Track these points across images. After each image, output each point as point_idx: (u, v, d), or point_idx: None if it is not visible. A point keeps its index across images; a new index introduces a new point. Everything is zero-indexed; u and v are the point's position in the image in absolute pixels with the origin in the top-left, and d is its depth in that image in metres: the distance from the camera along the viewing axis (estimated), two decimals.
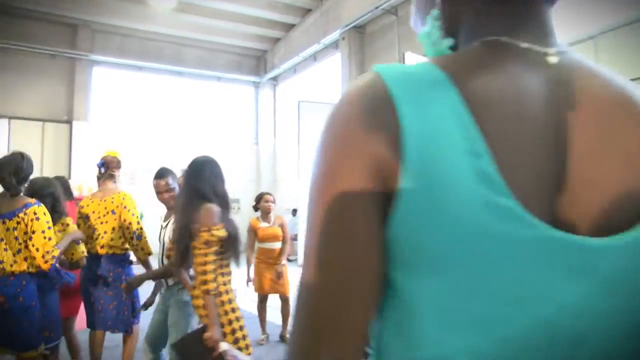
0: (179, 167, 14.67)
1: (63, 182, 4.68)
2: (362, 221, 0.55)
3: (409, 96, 0.55)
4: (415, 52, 11.09)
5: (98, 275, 4.06)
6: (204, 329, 2.88)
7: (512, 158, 0.54)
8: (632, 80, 2.25)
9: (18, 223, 3.23)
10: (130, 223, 4.21)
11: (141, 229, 4.27)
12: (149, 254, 4.26)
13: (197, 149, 17.75)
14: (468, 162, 0.52)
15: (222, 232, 2.92)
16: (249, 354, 2.97)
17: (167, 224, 3.75)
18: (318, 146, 0.62)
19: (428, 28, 0.69)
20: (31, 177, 3.61)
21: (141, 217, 4.43)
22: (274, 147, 20.14)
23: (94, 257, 4.10)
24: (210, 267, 2.83)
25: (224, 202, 3.17)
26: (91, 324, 4.21)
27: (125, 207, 4.23)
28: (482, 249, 0.52)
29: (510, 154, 0.54)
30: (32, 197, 3.47)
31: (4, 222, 3.26)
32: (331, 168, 0.58)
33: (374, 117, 0.56)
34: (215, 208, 3.02)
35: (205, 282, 2.81)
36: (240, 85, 20.19)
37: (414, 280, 0.55)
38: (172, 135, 17.89)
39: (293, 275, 5.73)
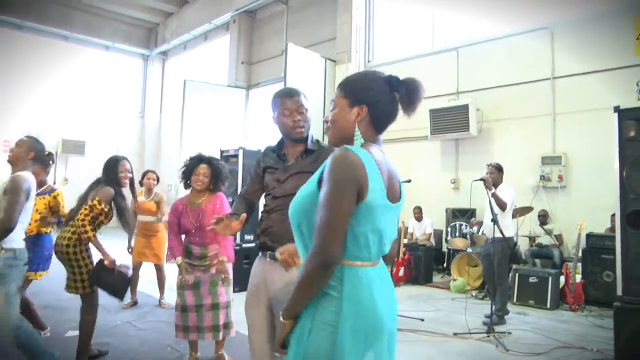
0: (61, 137, 14.35)
1: None
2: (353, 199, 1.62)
3: (366, 164, 1.63)
4: (299, 43, 11.79)
5: None
6: (101, 262, 4.02)
7: (388, 185, 1.69)
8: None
9: None
10: None
11: None
12: None
13: (81, 118, 17.43)
14: (381, 189, 1.66)
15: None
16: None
17: None
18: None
19: (356, 136, 1.74)
20: None
21: None
22: (160, 122, 20.06)
23: None
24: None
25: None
26: None
27: None
28: (381, 213, 1.68)
29: (388, 184, 1.70)
30: None
31: None
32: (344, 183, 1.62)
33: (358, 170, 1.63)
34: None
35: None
36: (129, 56, 19.85)
37: (365, 225, 1.65)
38: (55, 101, 17.21)
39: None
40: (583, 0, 8.78)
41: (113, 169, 4.21)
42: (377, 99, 1.75)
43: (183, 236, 4.27)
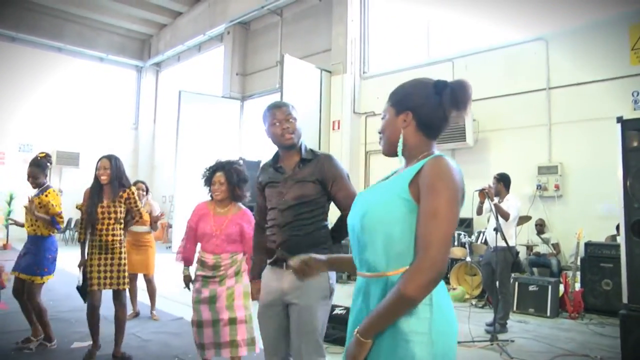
0: (55, 148, 14.30)
1: None
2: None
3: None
4: (293, 54, 11.84)
5: None
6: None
7: None
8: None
9: None
10: None
11: None
12: None
13: (75, 129, 17.37)
14: None
15: None
16: None
17: None
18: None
19: (399, 149, 1.73)
20: None
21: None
22: (154, 133, 20.06)
23: None
24: None
25: None
26: None
27: None
28: None
29: None
30: None
31: None
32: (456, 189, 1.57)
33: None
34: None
35: None
36: (122, 68, 19.89)
37: None
38: (49, 113, 17.22)
39: (166, 262, 6.01)
40: (578, 10, 8.91)
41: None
42: (420, 103, 1.71)
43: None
